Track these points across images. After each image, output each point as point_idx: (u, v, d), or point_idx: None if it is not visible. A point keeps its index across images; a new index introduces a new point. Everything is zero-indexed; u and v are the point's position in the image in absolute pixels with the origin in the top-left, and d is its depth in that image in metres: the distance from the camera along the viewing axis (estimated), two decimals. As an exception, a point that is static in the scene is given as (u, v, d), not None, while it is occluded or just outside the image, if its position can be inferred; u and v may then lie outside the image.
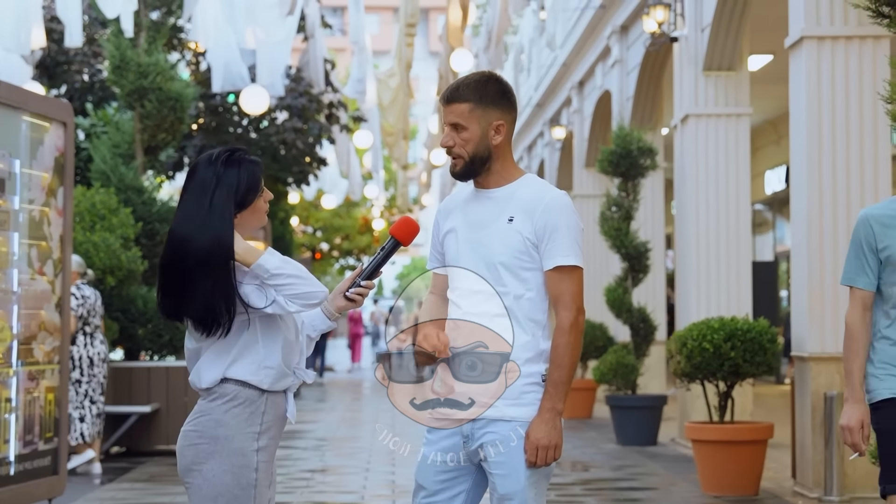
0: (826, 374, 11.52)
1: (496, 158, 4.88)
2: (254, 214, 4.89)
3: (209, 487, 4.76)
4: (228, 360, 4.77)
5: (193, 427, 4.82)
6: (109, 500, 11.78)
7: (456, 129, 4.86)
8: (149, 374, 15.35)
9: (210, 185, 4.79)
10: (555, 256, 4.77)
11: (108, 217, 15.55)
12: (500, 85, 4.93)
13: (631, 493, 12.17)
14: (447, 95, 4.90)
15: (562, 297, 4.78)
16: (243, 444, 4.78)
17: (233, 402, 4.77)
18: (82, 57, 23.52)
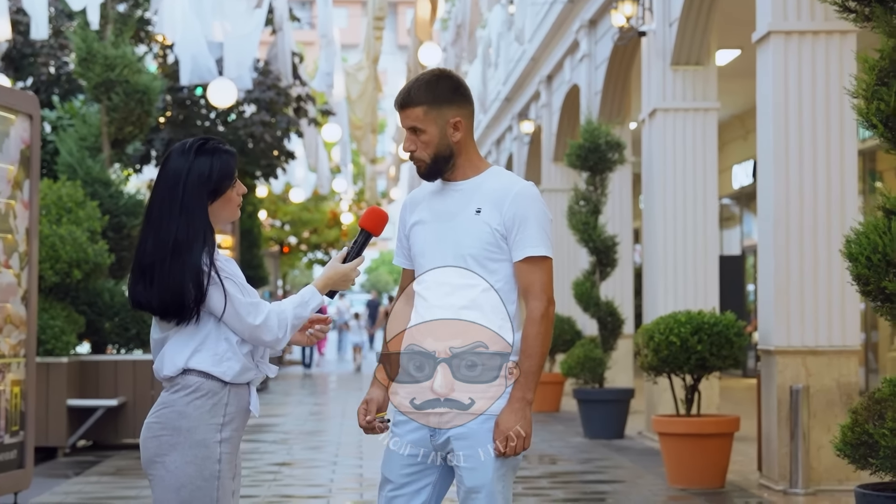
0: (792, 368, 11.57)
1: (459, 154, 4.89)
2: (226, 205, 4.89)
3: (172, 479, 4.76)
4: (191, 349, 4.77)
5: (156, 419, 4.82)
6: (76, 493, 11.75)
7: (415, 132, 4.87)
8: (115, 367, 15.31)
9: (183, 172, 4.80)
10: (524, 247, 4.78)
11: (75, 210, 15.50)
12: (451, 81, 4.94)
13: (598, 486, 12.21)
14: (401, 101, 4.91)
15: (532, 287, 4.79)
16: (206, 435, 4.77)
17: (195, 393, 4.77)
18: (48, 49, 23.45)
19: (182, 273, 4.71)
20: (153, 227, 4.81)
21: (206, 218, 4.81)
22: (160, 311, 4.78)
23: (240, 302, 4.75)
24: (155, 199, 4.86)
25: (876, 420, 6.61)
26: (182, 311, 4.74)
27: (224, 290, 4.74)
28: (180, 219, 4.77)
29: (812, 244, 11.73)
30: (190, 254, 4.73)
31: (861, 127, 7.02)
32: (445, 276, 4.81)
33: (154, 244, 4.78)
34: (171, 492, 4.76)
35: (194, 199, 4.79)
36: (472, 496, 4.73)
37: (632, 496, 11.52)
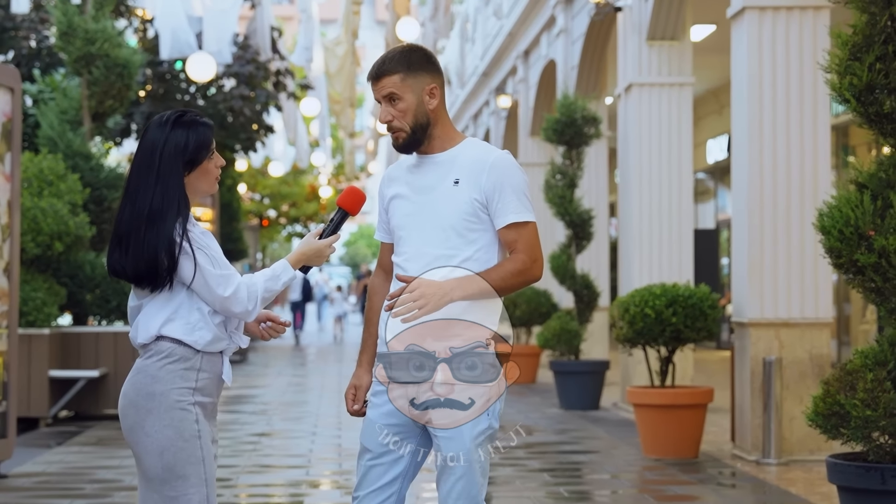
0: (765, 340, 11.62)
1: (435, 123, 4.89)
2: (203, 177, 4.89)
3: (153, 444, 4.76)
4: (164, 318, 4.79)
5: (131, 386, 4.84)
6: (58, 463, 11.75)
7: (391, 101, 4.86)
8: (97, 339, 15.31)
9: (159, 143, 4.81)
10: (507, 214, 4.80)
11: (56, 183, 15.47)
12: (423, 52, 4.96)
13: (574, 456, 12.25)
14: (375, 72, 4.90)
15: (516, 245, 4.81)
16: (180, 397, 4.78)
17: (167, 358, 4.78)
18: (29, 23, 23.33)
19: (156, 242, 4.73)
20: (130, 196, 4.82)
21: (182, 188, 4.82)
22: (135, 278, 4.80)
23: (209, 273, 4.76)
24: (133, 169, 4.88)
25: (847, 391, 6.65)
26: (155, 279, 4.75)
27: (195, 261, 4.75)
28: (156, 188, 4.78)
29: (785, 218, 11.76)
30: (164, 223, 4.75)
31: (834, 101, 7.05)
32: (425, 248, 4.82)
33: (130, 213, 4.80)
34: (155, 456, 4.77)
35: (170, 170, 4.80)
36: (451, 464, 4.75)
37: (607, 466, 11.56)
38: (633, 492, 10.35)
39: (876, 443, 6.64)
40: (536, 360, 20.98)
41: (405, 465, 4.87)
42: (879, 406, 6.52)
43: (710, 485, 10.42)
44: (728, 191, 28.26)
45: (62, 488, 10.35)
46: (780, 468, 11.14)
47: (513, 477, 10.77)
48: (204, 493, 4.81)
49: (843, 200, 6.77)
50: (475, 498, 4.75)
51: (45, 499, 9.83)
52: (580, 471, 11.41)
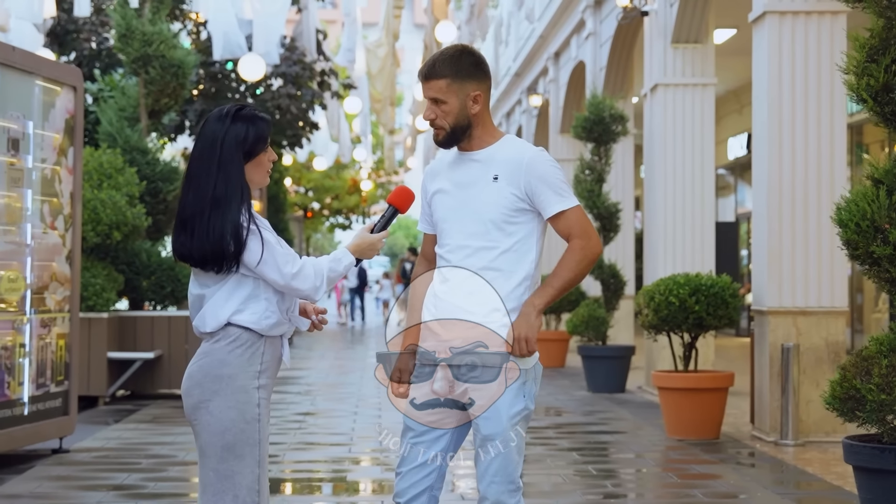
0: (783, 327, 11.58)
1: (476, 126, 4.89)
2: (257, 169, 4.87)
3: (216, 423, 4.76)
4: (233, 306, 4.77)
5: (198, 368, 4.82)
6: (116, 439, 11.80)
7: (436, 102, 4.86)
8: (152, 322, 15.36)
9: (220, 134, 4.79)
10: (552, 206, 4.80)
11: (115, 176, 15.52)
12: (473, 57, 4.93)
13: (601, 436, 12.23)
14: (425, 72, 4.89)
15: (571, 230, 4.83)
16: (245, 381, 4.78)
17: (234, 343, 4.77)
18: (90, 26, 23.43)
19: (222, 225, 4.70)
20: (192, 183, 4.80)
21: (243, 177, 4.80)
22: (200, 261, 4.77)
23: (278, 251, 4.74)
24: (193, 159, 4.85)
25: (863, 376, 6.61)
26: (221, 261, 4.72)
27: (262, 240, 4.73)
28: (218, 176, 4.76)
29: (803, 211, 11.72)
30: (229, 208, 4.72)
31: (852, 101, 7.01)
32: (466, 240, 4.82)
33: (194, 198, 4.77)
34: (216, 436, 4.77)
35: (230, 159, 4.78)
36: (489, 443, 4.75)
37: (632, 446, 11.54)
38: (657, 470, 10.33)
39: (890, 425, 6.60)
40: (565, 345, 20.96)
41: (445, 444, 4.87)
42: (894, 390, 6.48)
43: (731, 464, 10.38)
44: (747, 186, 28.15)
45: (120, 463, 10.39)
46: (797, 449, 11.09)
47: (544, 455, 10.77)
48: (256, 474, 4.81)
49: (859, 195, 6.73)
50: (511, 475, 4.75)
51: (104, 472, 9.87)
52: (607, 450, 11.39)
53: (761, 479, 9.63)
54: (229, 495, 4.77)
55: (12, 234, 10.06)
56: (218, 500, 4.78)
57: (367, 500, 9.06)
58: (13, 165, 10.03)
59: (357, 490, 9.49)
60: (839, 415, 6.79)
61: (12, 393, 10.04)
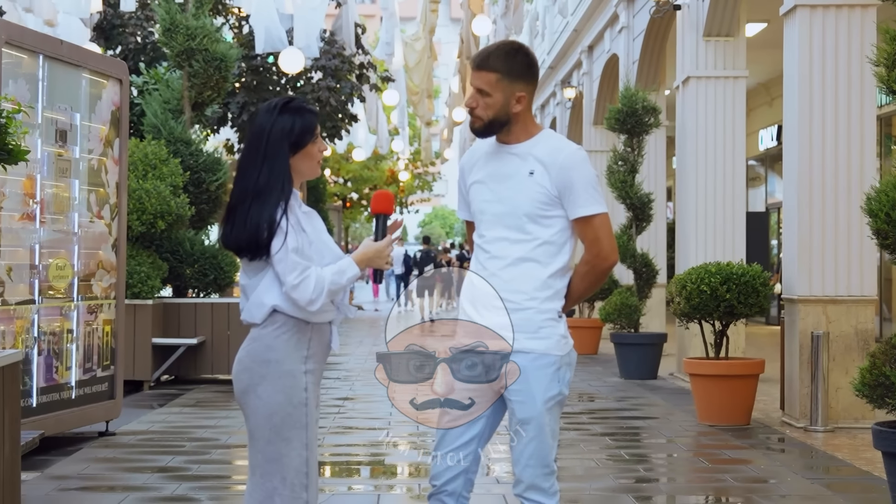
0: (813, 315, 11.52)
1: (514, 122, 4.85)
2: (306, 159, 4.85)
3: (264, 407, 4.77)
4: (276, 294, 4.75)
5: (247, 353, 4.82)
6: (160, 422, 11.85)
7: (481, 93, 4.83)
8: (195, 309, 15.42)
9: (267, 126, 4.79)
10: (577, 208, 4.77)
11: (159, 166, 15.57)
12: (527, 57, 4.89)
13: (633, 421, 12.20)
14: (478, 62, 4.86)
15: (585, 240, 4.83)
16: (293, 366, 4.78)
17: (281, 328, 4.77)
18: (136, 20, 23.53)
19: (259, 215, 4.69)
20: (240, 175, 4.81)
21: (287, 169, 4.78)
22: (237, 249, 4.78)
23: (289, 257, 4.70)
24: (244, 151, 4.86)
25: (892, 363, 6.58)
26: (255, 250, 4.72)
27: (284, 241, 4.71)
28: (262, 168, 4.75)
29: (833, 202, 11.65)
30: (269, 199, 4.72)
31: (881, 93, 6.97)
32: (503, 232, 4.80)
33: (239, 190, 4.78)
34: (264, 418, 4.77)
35: (276, 152, 4.77)
36: (524, 427, 4.73)
37: (664, 431, 11.51)
38: (688, 455, 10.30)
39: (918, 412, 6.57)
40: (598, 332, 20.93)
41: (481, 427, 4.86)
42: (922, 378, 6.45)
43: (761, 449, 10.34)
44: (778, 177, 28.02)
45: (164, 445, 10.44)
46: (826, 435, 11.04)
47: (577, 440, 10.75)
48: (304, 457, 4.81)
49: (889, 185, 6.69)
50: (545, 459, 4.74)
51: (149, 455, 9.92)
52: (639, 435, 11.36)
53: (791, 465, 9.60)
54: (277, 477, 4.78)
55: (60, 222, 10.11)
56: (266, 482, 4.79)
57: (404, 483, 9.06)
58: (61, 156, 10.08)
59: (395, 473, 9.49)
60: (868, 401, 6.76)
61: (60, 377, 10.09)
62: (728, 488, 8.71)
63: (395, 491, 8.71)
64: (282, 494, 4.77)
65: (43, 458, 9.58)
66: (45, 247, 9.87)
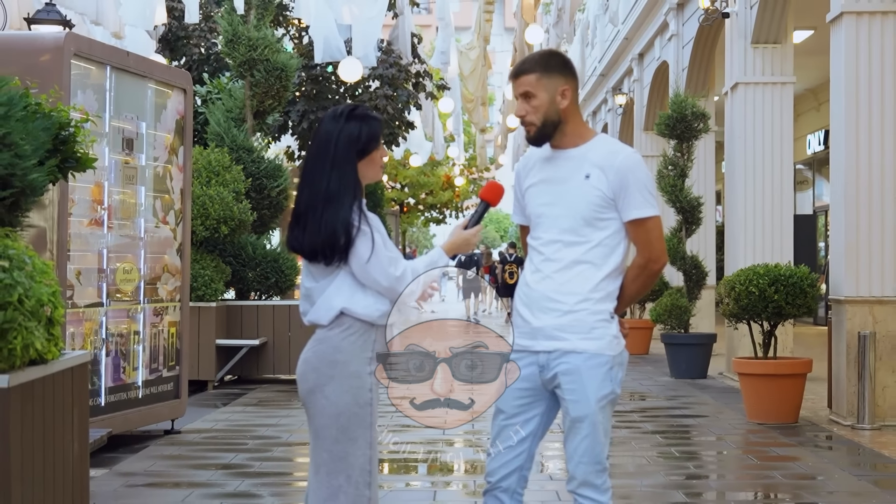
0: (860, 315, 11.44)
1: (566, 121, 4.84)
2: (371, 165, 4.84)
3: (332, 407, 4.77)
4: (346, 296, 4.75)
5: (314, 354, 4.82)
6: (224, 421, 11.91)
7: (526, 98, 4.83)
8: (257, 311, 15.48)
9: (334, 134, 4.79)
10: (630, 210, 4.76)
11: (222, 173, 15.65)
12: (561, 57, 4.92)
13: (683, 420, 12.15)
14: (515, 71, 4.87)
15: (637, 244, 4.83)
16: (359, 367, 4.79)
17: (348, 330, 4.76)
18: (199, 32, 23.66)
19: (334, 220, 4.68)
20: (307, 181, 4.79)
21: (356, 175, 4.77)
22: (310, 253, 4.75)
23: (384, 253, 4.72)
24: (309, 157, 4.84)
25: (938, 362, 6.52)
26: (331, 255, 4.70)
27: (372, 240, 4.72)
28: (332, 173, 4.74)
29: (880, 204, 11.57)
30: (341, 204, 4.70)
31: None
32: (559, 235, 4.79)
33: (308, 195, 4.76)
34: (331, 418, 4.78)
35: (345, 157, 4.76)
36: (577, 425, 4.73)
37: (713, 429, 11.45)
38: (737, 452, 10.25)
39: (965, 410, 6.50)
40: (649, 333, 20.86)
41: (535, 425, 4.86)
42: (968, 377, 6.38)
43: (809, 447, 10.27)
44: (825, 180, 27.82)
45: (228, 443, 10.49)
46: (873, 432, 10.96)
47: (628, 438, 10.72)
48: (368, 455, 4.83)
49: (935, 188, 6.63)
50: (598, 456, 4.73)
51: (213, 452, 9.97)
52: (689, 433, 11.32)
53: (838, 462, 9.53)
54: (343, 475, 4.79)
55: (127, 228, 10.20)
56: (332, 480, 4.80)
57: (460, 480, 9.06)
58: (128, 164, 10.16)
59: (451, 470, 9.50)
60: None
61: (127, 377, 10.17)
62: (776, 485, 8.65)
63: (452, 487, 8.71)
64: (346, 492, 4.78)
65: (111, 456, 9.66)
66: (112, 251, 9.95)
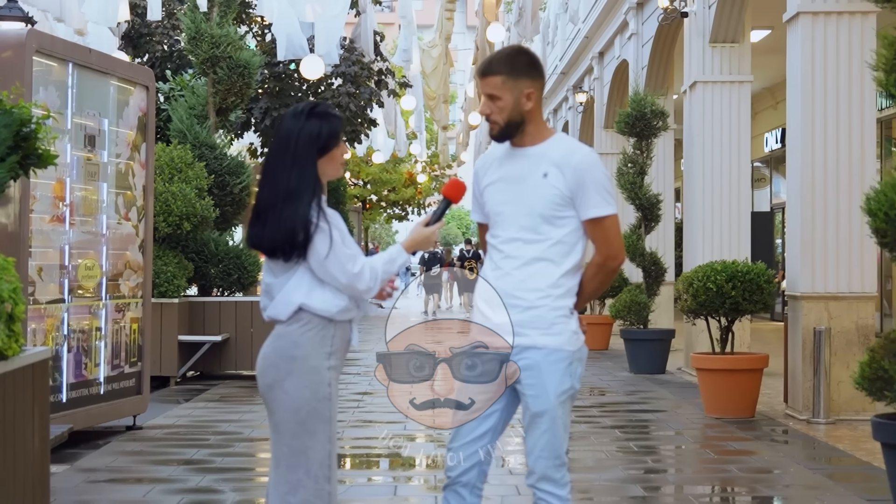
0: (815, 311, 11.51)
1: (529, 122, 4.85)
2: (331, 163, 4.85)
3: (291, 402, 4.77)
4: (303, 293, 4.75)
5: (273, 349, 4.82)
6: (186, 417, 11.87)
7: (492, 98, 4.84)
8: (220, 307, 15.44)
9: (295, 132, 4.79)
10: (588, 209, 4.77)
11: (185, 170, 15.60)
12: (528, 57, 4.91)
13: (642, 414, 12.20)
14: (482, 69, 4.87)
15: (595, 242, 4.83)
16: (318, 362, 4.79)
17: (307, 326, 4.77)
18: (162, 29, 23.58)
19: (293, 217, 4.69)
20: (268, 178, 4.79)
21: (316, 172, 4.78)
22: (270, 250, 4.76)
23: (342, 250, 4.73)
24: (270, 155, 4.84)
25: (891, 357, 6.56)
26: (290, 251, 4.71)
27: (330, 237, 4.72)
28: (292, 171, 4.75)
29: (835, 202, 11.64)
30: (300, 201, 4.71)
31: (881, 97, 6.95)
32: (518, 232, 4.80)
33: (269, 192, 4.76)
34: (290, 413, 4.77)
35: (305, 155, 4.76)
36: (537, 420, 4.74)
37: (672, 423, 11.50)
38: (695, 447, 10.29)
39: (917, 404, 6.55)
40: (609, 328, 20.92)
41: (494, 421, 4.86)
42: (920, 371, 6.43)
43: (765, 441, 10.33)
44: (782, 178, 27.97)
45: (189, 439, 10.46)
46: (828, 427, 11.03)
47: (588, 433, 10.75)
48: (328, 449, 4.83)
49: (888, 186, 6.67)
50: (558, 450, 4.74)
51: (175, 448, 9.94)
52: (648, 428, 11.36)
53: (794, 456, 9.58)
54: (302, 469, 4.79)
55: (89, 224, 10.15)
56: (291, 474, 4.79)
57: (421, 475, 9.07)
58: (90, 160, 10.12)
59: (412, 465, 9.51)
60: (868, 394, 6.75)
61: (89, 373, 10.13)
62: (733, 478, 8.70)
63: (413, 482, 8.72)
64: (306, 486, 4.78)
65: (72, 452, 9.61)
66: (74, 248, 9.90)
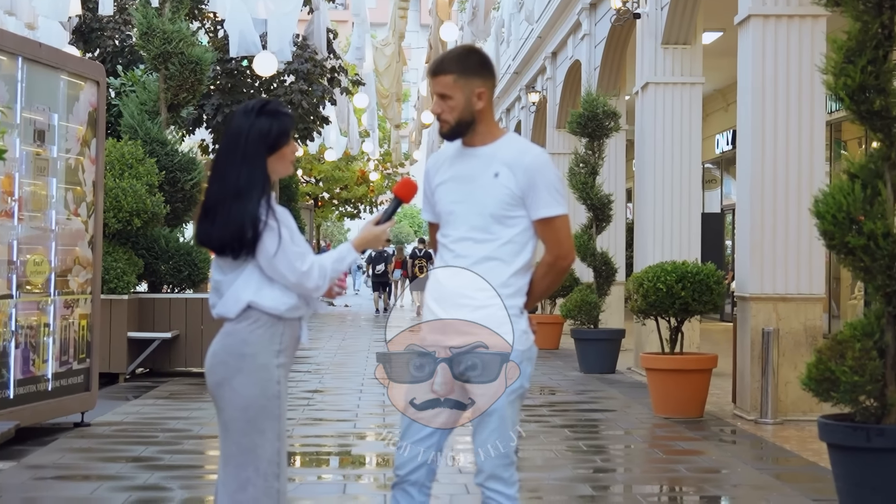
0: (764, 313, 11.58)
1: (480, 121, 4.85)
2: (281, 161, 4.85)
3: (239, 399, 4.76)
4: (253, 289, 4.75)
5: (221, 347, 4.80)
6: (135, 414, 11.81)
7: (443, 98, 4.84)
8: (170, 304, 15.37)
9: (245, 129, 4.78)
10: (539, 209, 4.77)
11: (136, 166, 15.52)
12: (479, 56, 4.91)
13: (592, 414, 12.23)
14: (433, 69, 4.87)
15: (546, 242, 4.84)
16: (266, 360, 4.78)
17: (256, 323, 4.76)
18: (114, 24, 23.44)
19: (242, 215, 4.68)
20: (217, 175, 4.78)
21: (265, 170, 4.77)
22: (219, 247, 4.75)
23: (290, 248, 4.72)
24: (220, 152, 4.84)
25: (838, 359, 6.61)
26: (239, 248, 4.70)
27: (279, 235, 4.72)
28: (241, 168, 4.74)
29: (784, 204, 11.72)
30: (249, 199, 4.70)
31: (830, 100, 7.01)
32: (469, 232, 4.80)
33: (218, 190, 4.76)
34: (239, 410, 4.76)
35: (254, 153, 4.76)
36: (486, 419, 4.74)
37: (621, 423, 11.55)
38: (644, 446, 10.34)
39: (862, 405, 6.60)
40: (559, 328, 20.97)
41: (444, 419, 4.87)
42: (866, 372, 6.48)
43: (714, 441, 10.39)
44: (733, 179, 28.13)
45: (138, 436, 10.41)
46: (775, 427, 11.11)
47: (537, 432, 10.78)
48: (277, 447, 4.82)
49: (836, 189, 6.72)
50: (506, 449, 4.75)
51: (123, 445, 9.89)
52: (597, 427, 11.40)
53: (742, 455, 9.64)
54: (251, 467, 4.78)
55: (38, 220, 10.07)
56: (240, 472, 4.78)
57: (370, 473, 9.07)
58: (39, 155, 10.04)
59: (362, 463, 9.50)
60: (815, 395, 6.79)
61: (37, 370, 10.06)
62: (681, 478, 8.75)
63: (362, 480, 8.71)
64: (255, 484, 4.77)
65: (19, 448, 9.54)
66: (22, 243, 9.83)
